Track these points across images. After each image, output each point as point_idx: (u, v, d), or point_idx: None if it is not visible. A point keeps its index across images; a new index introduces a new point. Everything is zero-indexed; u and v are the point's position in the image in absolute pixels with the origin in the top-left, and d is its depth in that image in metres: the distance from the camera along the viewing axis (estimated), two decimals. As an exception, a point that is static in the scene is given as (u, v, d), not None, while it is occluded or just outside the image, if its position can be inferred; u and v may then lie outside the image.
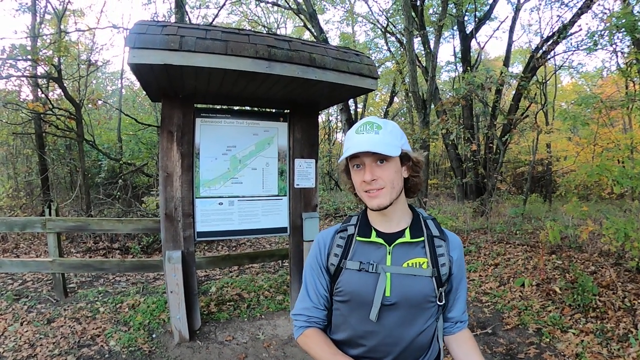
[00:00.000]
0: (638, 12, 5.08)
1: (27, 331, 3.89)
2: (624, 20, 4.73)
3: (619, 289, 4.70)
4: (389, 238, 1.28)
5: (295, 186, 4.23)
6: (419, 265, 1.25)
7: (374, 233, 1.30)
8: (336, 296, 1.33)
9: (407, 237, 1.27)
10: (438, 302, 1.26)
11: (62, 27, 9.18)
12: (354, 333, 1.29)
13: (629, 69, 6.15)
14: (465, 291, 1.39)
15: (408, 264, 1.25)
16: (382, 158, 1.21)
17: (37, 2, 9.33)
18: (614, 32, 5.60)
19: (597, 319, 4.16)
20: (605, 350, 3.55)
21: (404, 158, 1.27)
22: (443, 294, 1.27)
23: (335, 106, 14.74)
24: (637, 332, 3.75)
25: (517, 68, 21.27)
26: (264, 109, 4.50)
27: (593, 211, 6.32)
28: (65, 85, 8.35)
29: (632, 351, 3.47)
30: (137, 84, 16.97)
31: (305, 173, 4.27)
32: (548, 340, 3.85)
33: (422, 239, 1.28)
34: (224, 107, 4.24)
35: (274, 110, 4.35)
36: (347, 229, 1.36)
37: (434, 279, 1.24)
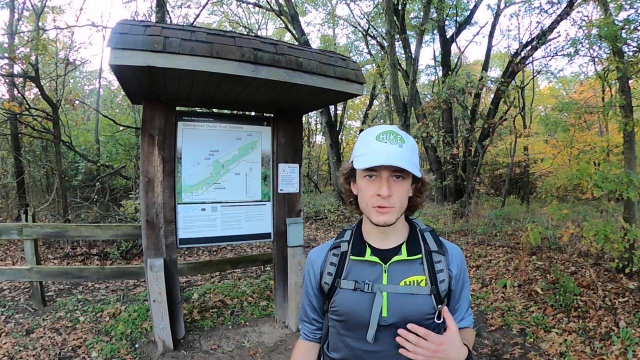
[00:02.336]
0: (619, 21, 5.20)
1: (5, 343, 3.73)
2: (605, 29, 4.83)
3: (600, 289, 4.81)
4: (385, 255, 1.22)
5: (279, 191, 4.18)
6: (417, 283, 1.19)
7: (368, 251, 1.24)
8: (332, 314, 1.29)
9: (403, 255, 1.21)
10: (437, 320, 1.19)
11: (40, 24, 8.90)
12: (351, 353, 1.25)
13: (606, 74, 6.31)
14: (467, 298, 1.32)
15: (405, 282, 1.19)
16: (399, 174, 1.14)
17: (15, -2, 9.04)
18: (595, 42, 5.73)
19: (579, 318, 4.25)
20: (588, 348, 3.63)
21: (416, 178, 1.20)
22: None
23: (317, 108, 14.71)
24: (618, 330, 3.85)
25: (495, 72, 21.71)
26: (247, 113, 4.44)
27: (571, 212, 6.46)
28: (42, 84, 8.09)
29: (614, 349, 3.56)
30: (115, 84, 16.64)
31: (289, 178, 4.22)
32: (532, 340, 3.91)
33: (419, 256, 1.22)
34: (207, 110, 4.16)
35: (257, 114, 4.29)
36: (340, 245, 1.30)
37: (432, 296, 1.19)
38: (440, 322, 1.20)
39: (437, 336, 1.11)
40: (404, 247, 1.23)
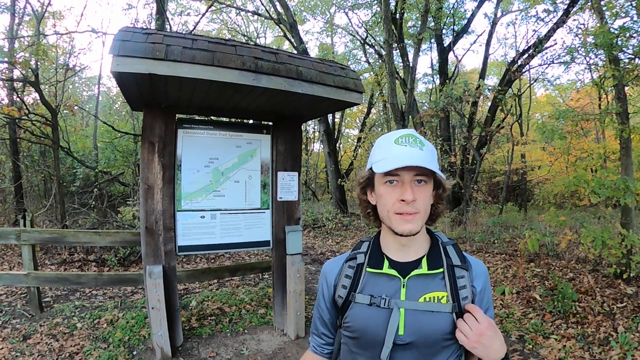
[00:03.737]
0: (614, 29, 5.25)
1: (2, 348, 3.71)
2: (601, 37, 4.89)
3: (598, 295, 4.83)
4: (404, 269, 1.13)
5: (278, 199, 4.19)
6: (438, 300, 1.09)
7: (386, 263, 1.16)
8: (344, 330, 1.20)
9: (424, 269, 1.12)
10: (457, 348, 1.11)
11: (40, 29, 8.93)
12: None
13: (602, 81, 6.37)
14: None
15: (425, 298, 1.09)
16: (421, 179, 1.07)
17: (16, 2, 9.07)
18: (591, 50, 5.79)
19: (578, 324, 4.26)
20: (587, 354, 3.64)
21: (436, 184, 1.13)
22: None
23: (316, 115, 14.78)
24: (617, 335, 3.86)
25: (492, 80, 21.81)
26: (247, 121, 4.46)
27: (569, 219, 6.50)
28: (42, 89, 8.10)
29: (613, 354, 3.57)
30: (114, 90, 16.69)
31: (288, 186, 4.24)
32: (531, 346, 3.91)
33: (441, 270, 1.13)
34: (207, 118, 4.18)
35: (257, 122, 4.31)
36: (356, 257, 1.22)
37: (454, 314, 1.08)
38: (459, 349, 1.11)
39: (486, 318, 1.04)
40: (424, 261, 1.14)
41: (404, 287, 1.12)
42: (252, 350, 3.87)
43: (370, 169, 1.14)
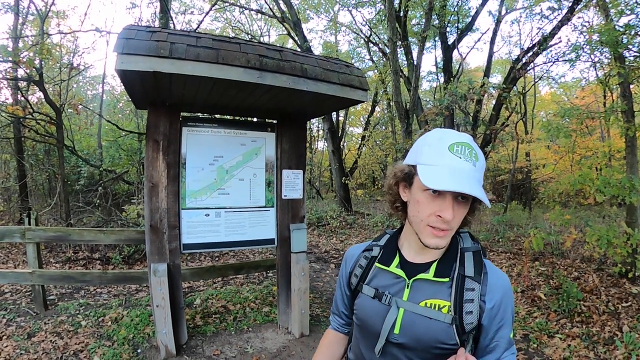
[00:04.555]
0: (620, 27, 5.22)
1: (7, 346, 3.73)
2: (606, 35, 4.86)
3: (603, 294, 4.81)
4: (412, 270, 1.13)
5: (283, 197, 4.19)
6: (439, 308, 1.06)
7: (396, 261, 1.16)
8: (354, 315, 1.26)
9: (430, 274, 1.10)
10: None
11: (44, 28, 8.96)
12: (359, 358, 1.23)
13: (607, 79, 6.33)
14: (506, 340, 1.10)
15: (427, 303, 1.07)
16: (465, 197, 1.02)
17: (20, 2, 9.11)
18: (596, 47, 5.76)
19: (583, 323, 4.24)
20: (592, 353, 3.63)
21: (475, 199, 1.04)
22: (466, 344, 1.07)
23: (319, 114, 14.82)
24: (622, 334, 3.84)
25: (496, 78, 21.74)
26: (251, 119, 4.45)
27: (573, 218, 6.47)
28: (46, 88, 8.13)
29: (618, 353, 3.55)
30: (119, 89, 16.73)
31: (293, 184, 4.23)
32: (535, 345, 3.90)
33: (447, 279, 1.08)
34: (211, 116, 4.18)
35: (261, 120, 4.31)
36: (372, 248, 1.25)
37: (454, 327, 1.04)
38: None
39: None
40: (434, 266, 1.11)
41: (408, 287, 1.11)
42: (256, 348, 3.88)
43: (414, 166, 1.07)
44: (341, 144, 19.51)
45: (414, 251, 1.16)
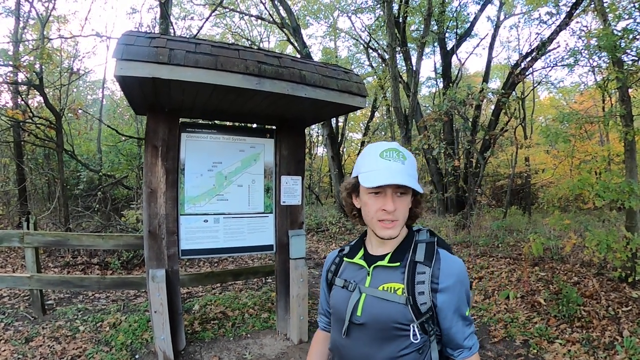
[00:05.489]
0: (618, 31, 5.24)
1: (4, 350, 3.72)
2: (605, 39, 4.87)
3: (603, 299, 4.79)
4: (372, 260, 1.31)
5: (282, 203, 4.18)
6: (394, 291, 1.22)
7: (360, 254, 1.35)
8: (330, 307, 1.42)
9: (385, 261, 1.27)
10: (413, 340, 1.19)
11: (45, 33, 8.98)
12: (333, 343, 1.39)
13: (605, 83, 6.34)
14: (464, 320, 1.24)
15: (384, 287, 1.24)
16: (402, 191, 1.21)
17: (21, 6, 9.14)
18: (595, 52, 5.78)
19: (583, 328, 4.22)
20: (592, 359, 3.62)
21: (414, 191, 1.26)
22: (427, 326, 1.20)
23: (319, 119, 14.86)
24: (622, 339, 3.83)
25: (495, 83, 21.82)
26: (250, 125, 4.46)
27: (573, 222, 6.47)
28: (46, 93, 8.13)
29: (618, 358, 3.55)
30: (118, 94, 16.77)
31: (292, 190, 4.23)
32: (535, 351, 3.88)
33: (398, 264, 1.25)
34: (210, 122, 4.18)
35: (260, 127, 4.32)
36: (345, 248, 1.45)
37: (409, 306, 1.19)
38: (416, 342, 1.19)
39: None
40: (389, 254, 1.29)
41: (369, 275, 1.29)
42: (254, 354, 3.86)
43: (357, 177, 1.26)
44: (341, 149, 19.54)
45: (375, 246, 1.33)
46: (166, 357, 3.52)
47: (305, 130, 5.34)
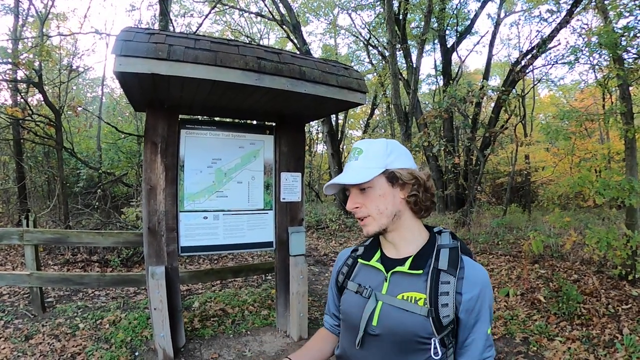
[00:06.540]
0: (618, 29, 5.22)
1: (4, 348, 3.72)
2: (605, 37, 4.85)
3: (603, 296, 4.79)
4: (390, 264, 1.18)
5: (282, 200, 4.17)
6: (415, 301, 1.08)
7: (376, 256, 1.22)
8: (340, 312, 1.32)
9: (405, 267, 1.13)
10: (433, 356, 1.06)
11: (44, 30, 8.96)
12: (343, 353, 1.28)
13: (606, 81, 6.33)
14: (484, 335, 1.10)
15: (403, 296, 1.11)
16: (363, 187, 1.14)
17: (20, 3, 9.11)
18: (595, 49, 5.76)
19: (583, 326, 4.22)
20: (592, 356, 3.61)
21: (392, 178, 1.13)
22: (446, 339, 1.08)
23: (319, 116, 14.87)
24: (622, 337, 3.83)
25: (495, 81, 21.80)
26: (250, 122, 4.45)
27: (573, 220, 6.46)
28: (45, 90, 8.12)
29: (618, 356, 3.54)
30: (118, 92, 16.74)
31: (292, 187, 4.22)
32: (535, 348, 3.88)
33: (420, 271, 1.11)
34: (210, 118, 4.17)
35: (260, 123, 4.30)
36: (359, 249, 1.32)
37: (430, 319, 1.06)
38: (437, 358, 1.07)
39: None
40: (409, 260, 1.15)
41: (386, 281, 1.16)
42: (254, 351, 3.86)
43: None
44: (340, 146, 19.50)
45: (389, 248, 1.22)
46: (166, 354, 3.51)
47: (305, 128, 5.33)
